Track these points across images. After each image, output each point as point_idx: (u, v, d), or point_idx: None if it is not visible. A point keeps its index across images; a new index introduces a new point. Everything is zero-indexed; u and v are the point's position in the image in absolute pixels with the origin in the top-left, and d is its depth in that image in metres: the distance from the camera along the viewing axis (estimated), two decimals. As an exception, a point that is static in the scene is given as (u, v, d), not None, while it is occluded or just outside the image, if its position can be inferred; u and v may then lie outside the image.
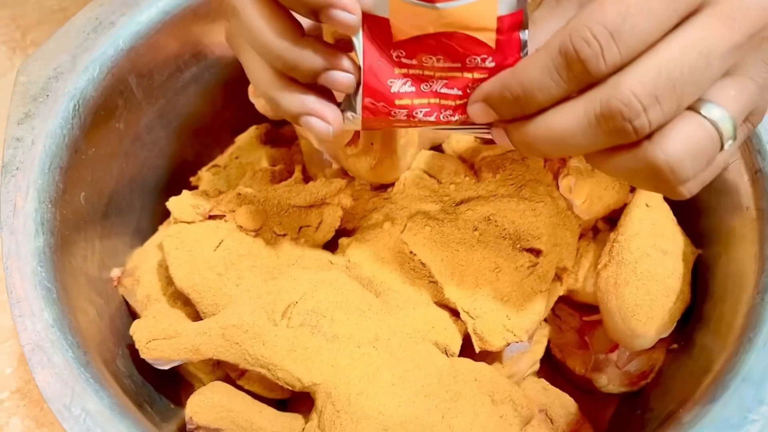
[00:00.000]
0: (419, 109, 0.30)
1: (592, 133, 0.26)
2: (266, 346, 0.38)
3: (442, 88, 0.30)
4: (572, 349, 0.46)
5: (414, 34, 0.28)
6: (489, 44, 0.28)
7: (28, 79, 0.41)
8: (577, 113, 0.26)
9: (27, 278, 0.35)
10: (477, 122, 0.30)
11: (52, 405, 0.32)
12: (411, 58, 0.29)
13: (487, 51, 0.28)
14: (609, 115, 0.25)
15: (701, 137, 0.26)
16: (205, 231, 0.43)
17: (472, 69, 0.29)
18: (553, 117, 0.27)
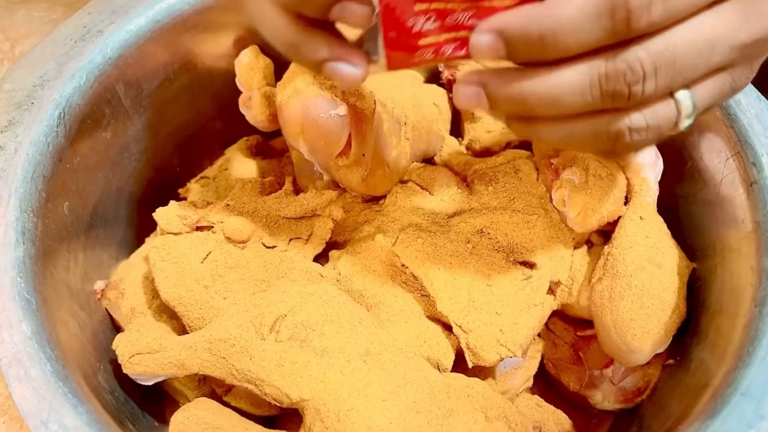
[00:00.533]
0: (447, 45, 0.28)
1: (590, 92, 0.25)
2: (254, 360, 0.37)
3: (469, 20, 0.27)
4: (566, 364, 0.45)
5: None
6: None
7: (13, 86, 0.40)
8: (583, 70, 0.25)
9: (5, 289, 0.34)
10: (474, 57, 0.28)
11: (28, 420, 0.31)
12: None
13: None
14: (613, 77, 0.25)
15: (664, 115, 0.26)
16: (193, 242, 0.42)
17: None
18: (561, 70, 0.26)
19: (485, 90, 0.28)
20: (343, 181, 0.45)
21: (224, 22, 0.47)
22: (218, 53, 0.49)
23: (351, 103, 0.43)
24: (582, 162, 0.43)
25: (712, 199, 0.42)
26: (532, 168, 0.45)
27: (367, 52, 0.29)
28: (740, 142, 0.40)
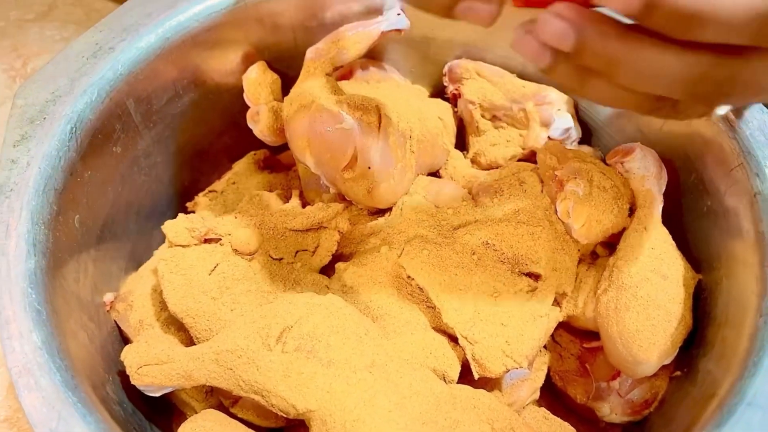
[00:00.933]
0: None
1: (691, 85, 0.25)
2: (260, 371, 0.37)
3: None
4: (573, 376, 0.45)
5: None
6: None
7: (26, 101, 0.41)
8: (701, 61, 0.24)
9: (16, 300, 0.35)
10: (600, 1, 0.25)
11: (38, 430, 0.31)
12: None
13: None
14: (727, 83, 0.24)
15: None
16: (200, 255, 0.42)
17: None
18: (676, 53, 0.25)
19: (577, 32, 0.25)
20: (349, 194, 0.45)
21: (232, 38, 0.48)
22: (226, 69, 0.49)
23: (357, 117, 0.43)
24: (586, 174, 0.43)
25: (716, 210, 0.42)
26: (537, 180, 0.46)
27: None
28: (743, 153, 0.40)
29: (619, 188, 0.44)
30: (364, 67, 0.51)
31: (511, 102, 0.50)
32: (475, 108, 0.52)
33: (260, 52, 0.50)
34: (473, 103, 0.52)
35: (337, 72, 0.49)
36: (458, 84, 0.52)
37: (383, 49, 0.53)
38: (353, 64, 0.50)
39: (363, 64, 0.51)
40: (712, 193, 0.42)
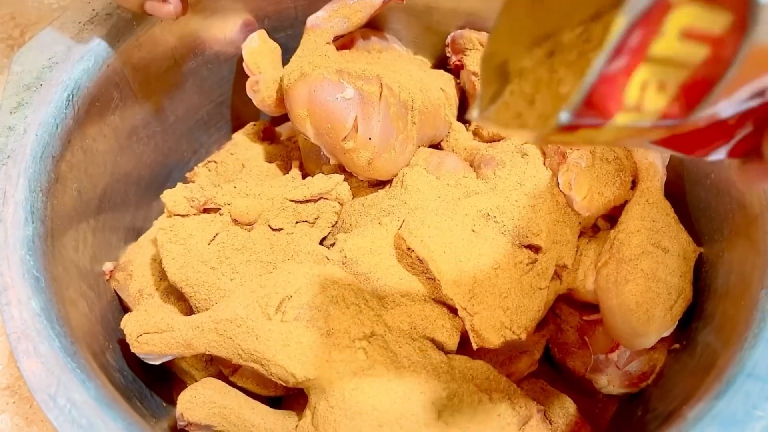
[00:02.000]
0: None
1: None
2: (260, 340, 0.38)
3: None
4: (572, 349, 0.45)
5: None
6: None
7: (22, 68, 0.40)
8: None
9: (15, 266, 0.35)
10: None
11: (36, 395, 0.31)
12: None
13: None
14: None
15: None
16: (200, 224, 0.42)
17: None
18: None
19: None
20: (349, 165, 0.45)
21: (232, 6, 0.48)
22: (226, 38, 0.49)
23: (357, 86, 0.43)
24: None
25: (719, 183, 0.42)
26: (539, 152, 0.45)
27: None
28: (748, 125, 0.39)
29: (622, 161, 0.43)
30: (365, 36, 0.50)
31: (514, 73, 0.50)
32: (478, 79, 0.51)
33: (260, 21, 0.49)
34: (476, 74, 0.51)
35: (338, 41, 0.48)
36: (461, 55, 0.52)
37: (385, 18, 0.52)
38: (354, 33, 0.50)
39: (364, 34, 0.50)
40: (715, 167, 0.42)
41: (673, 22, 0.20)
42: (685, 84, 0.21)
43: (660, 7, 0.20)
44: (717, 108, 0.22)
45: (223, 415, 0.39)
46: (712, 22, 0.20)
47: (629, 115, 0.21)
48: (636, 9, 0.19)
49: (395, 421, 0.36)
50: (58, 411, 0.31)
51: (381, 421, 0.36)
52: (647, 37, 0.20)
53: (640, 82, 0.21)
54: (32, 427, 0.47)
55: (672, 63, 0.21)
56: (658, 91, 0.21)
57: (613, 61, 0.20)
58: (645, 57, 0.20)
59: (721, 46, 0.21)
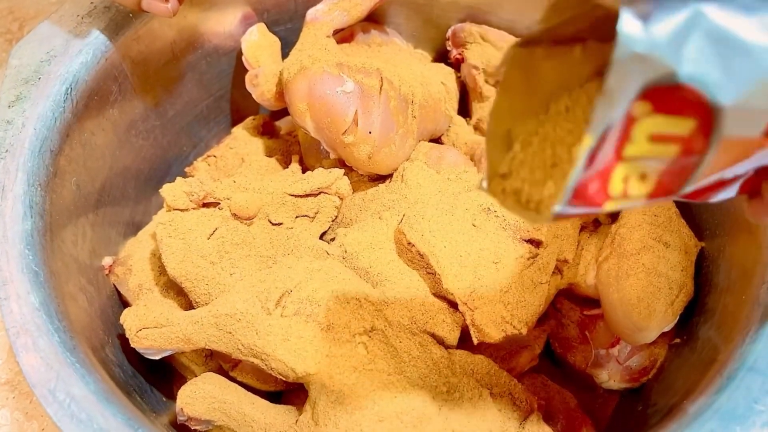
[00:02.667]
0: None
1: None
2: (260, 335, 0.37)
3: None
4: (573, 343, 0.45)
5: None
6: None
7: (20, 62, 0.40)
8: None
9: (14, 261, 0.34)
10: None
11: (36, 390, 0.31)
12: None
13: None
14: None
15: None
16: (199, 219, 0.42)
17: None
18: None
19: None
20: (349, 159, 0.45)
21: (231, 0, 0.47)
22: (225, 31, 0.48)
23: (357, 80, 0.42)
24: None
25: (721, 177, 0.41)
26: (540, 146, 0.45)
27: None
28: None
29: (623, 155, 0.43)
30: (365, 30, 0.50)
31: (515, 67, 0.49)
32: (479, 73, 0.51)
33: (260, 14, 0.49)
34: (477, 68, 0.51)
35: (338, 35, 0.48)
36: (462, 48, 0.51)
37: (385, 11, 0.52)
38: (354, 27, 0.49)
39: (364, 27, 0.50)
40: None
41: (641, 130, 0.21)
42: (665, 172, 0.23)
43: (624, 122, 0.21)
44: (703, 183, 0.24)
45: (223, 410, 0.39)
46: (677, 127, 0.22)
47: (617, 201, 0.23)
48: (601, 127, 0.21)
49: (395, 416, 0.35)
50: (57, 406, 0.31)
51: (381, 416, 0.36)
52: (619, 144, 0.22)
53: (620, 177, 0.22)
54: (32, 422, 0.47)
55: (647, 160, 0.22)
56: (640, 181, 0.23)
57: (589, 169, 0.22)
58: (620, 158, 0.22)
59: (691, 143, 0.22)
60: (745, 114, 0.21)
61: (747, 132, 0.22)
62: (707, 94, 0.21)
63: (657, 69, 0.20)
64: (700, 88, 0.21)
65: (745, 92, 0.21)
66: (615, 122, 0.21)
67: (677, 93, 0.21)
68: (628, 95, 0.21)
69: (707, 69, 0.20)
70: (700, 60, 0.20)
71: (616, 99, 0.21)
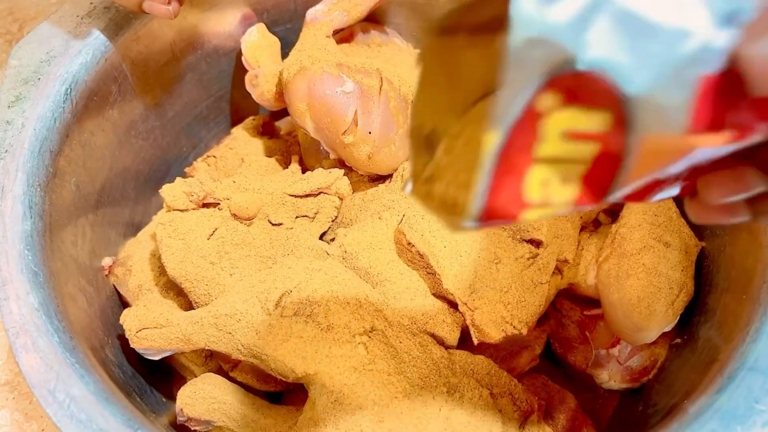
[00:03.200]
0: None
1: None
2: (259, 335, 0.37)
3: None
4: (573, 344, 0.45)
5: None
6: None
7: (20, 62, 0.40)
8: None
9: (13, 261, 0.34)
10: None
11: (35, 390, 0.31)
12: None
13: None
14: None
15: None
16: (199, 219, 0.42)
17: None
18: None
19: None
20: (349, 160, 0.45)
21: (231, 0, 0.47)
22: (225, 31, 0.48)
23: (357, 80, 0.42)
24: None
25: (721, 177, 0.41)
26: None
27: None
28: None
29: (623, 154, 0.43)
30: (365, 30, 0.50)
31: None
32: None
33: (259, 14, 0.49)
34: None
35: (338, 35, 0.48)
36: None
37: (385, 11, 0.52)
38: (354, 27, 0.49)
39: (364, 28, 0.50)
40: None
41: (552, 127, 0.20)
42: (587, 175, 0.21)
43: (529, 117, 0.19)
44: (635, 186, 0.21)
45: (222, 410, 0.39)
46: (591, 122, 0.20)
47: (538, 210, 0.21)
48: (504, 124, 0.19)
49: (396, 417, 0.35)
50: (57, 406, 0.31)
51: (381, 417, 0.35)
52: (527, 144, 0.20)
53: (538, 181, 0.20)
54: (32, 423, 0.47)
55: (564, 160, 0.20)
56: (562, 185, 0.21)
57: (496, 174, 0.20)
58: (533, 160, 0.20)
59: (609, 140, 0.20)
60: (659, 107, 0.19)
61: (666, 128, 0.19)
62: (615, 82, 0.19)
63: (558, 55, 0.18)
64: (607, 75, 0.19)
65: (656, 79, 0.19)
66: (517, 116, 0.19)
67: (584, 81, 0.19)
68: (529, 85, 0.19)
69: (613, 54, 0.18)
70: (605, 44, 0.18)
71: (515, 90, 0.18)
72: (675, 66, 0.19)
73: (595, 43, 0.18)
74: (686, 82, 0.19)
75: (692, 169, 0.22)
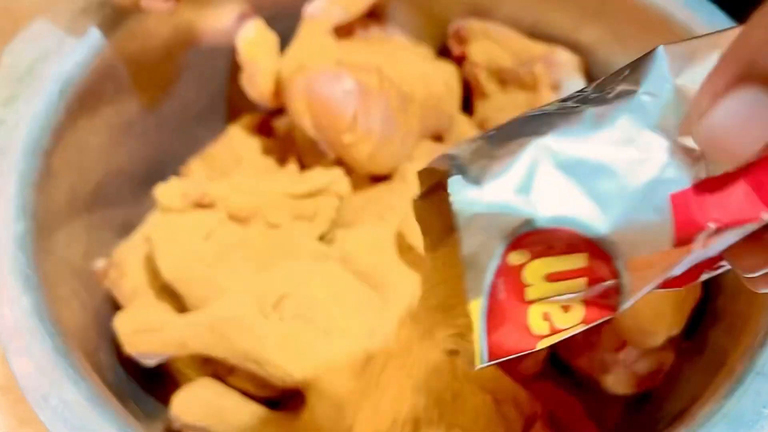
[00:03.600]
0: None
1: None
2: (257, 339, 0.37)
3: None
4: (578, 348, 0.44)
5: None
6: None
7: (13, 60, 0.39)
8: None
9: (5, 264, 0.34)
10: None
11: (28, 395, 0.30)
12: None
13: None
14: None
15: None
16: (194, 220, 0.41)
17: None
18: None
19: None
20: (348, 159, 0.44)
21: (228, -4, 0.47)
22: (221, 28, 0.48)
23: (357, 78, 0.42)
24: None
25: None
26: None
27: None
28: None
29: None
30: (365, 26, 0.49)
31: (519, 64, 0.48)
32: (482, 71, 0.50)
33: (257, 10, 0.48)
34: (479, 65, 0.50)
35: (337, 32, 0.47)
36: (464, 45, 0.51)
37: (385, 7, 0.51)
38: (354, 23, 0.48)
39: (364, 24, 0.49)
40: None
41: (533, 274, 0.19)
42: (587, 300, 0.20)
43: (506, 273, 0.19)
44: (646, 290, 0.20)
45: (219, 416, 0.38)
46: (570, 263, 0.19)
47: (552, 337, 0.20)
48: (481, 291, 0.19)
49: (397, 423, 0.35)
50: (50, 411, 0.30)
51: (382, 423, 0.35)
52: (516, 294, 0.19)
53: (539, 317, 0.20)
54: (25, 428, 0.46)
55: (559, 296, 0.20)
56: (564, 313, 0.20)
57: (491, 329, 0.19)
58: (527, 303, 0.19)
59: (595, 272, 0.19)
60: (636, 235, 0.19)
61: (652, 249, 0.19)
62: (580, 231, 0.18)
63: (511, 221, 0.18)
64: (568, 227, 0.18)
65: (623, 215, 0.18)
66: (491, 281, 0.19)
67: (550, 235, 0.18)
68: (494, 253, 0.18)
69: (569, 207, 0.18)
70: (557, 200, 0.18)
71: (480, 261, 0.18)
72: (640, 195, 0.18)
73: (547, 202, 0.18)
74: (658, 206, 0.18)
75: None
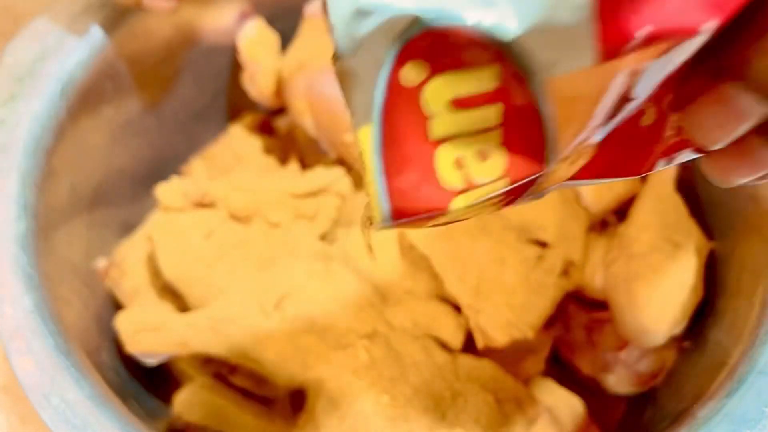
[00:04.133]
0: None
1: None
2: (257, 339, 0.37)
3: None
4: (579, 347, 0.44)
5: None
6: None
7: (14, 59, 0.39)
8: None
9: (7, 263, 0.34)
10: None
11: (30, 394, 0.30)
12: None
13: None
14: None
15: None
16: (195, 219, 0.41)
17: None
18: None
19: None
20: (350, 158, 0.44)
21: (229, -4, 0.47)
22: (222, 27, 0.48)
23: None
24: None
25: (731, 176, 0.41)
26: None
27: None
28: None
29: (631, 153, 0.42)
30: (366, 26, 0.49)
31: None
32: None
33: (258, 9, 0.48)
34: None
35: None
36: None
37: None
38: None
39: (365, 24, 0.49)
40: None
41: (432, 100, 0.16)
42: (506, 141, 0.17)
43: (399, 96, 0.16)
44: (576, 141, 0.17)
45: (220, 415, 0.38)
46: (476, 83, 0.16)
47: (469, 195, 0.17)
48: (370, 114, 0.16)
49: (398, 423, 0.35)
50: (52, 411, 0.30)
51: (383, 423, 0.35)
52: (415, 127, 0.16)
53: (449, 164, 0.17)
54: (27, 427, 0.46)
55: (469, 133, 0.16)
56: (482, 161, 0.17)
57: (389, 171, 0.16)
58: (432, 143, 0.16)
59: (509, 95, 0.16)
60: (551, 38, 0.14)
61: (572, 64, 0.15)
62: (483, 31, 0.14)
63: (398, 21, 0.15)
64: (469, 25, 0.14)
65: (534, 9, 0.14)
66: (383, 99, 0.16)
67: (445, 39, 0.15)
68: (383, 60, 0.15)
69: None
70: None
71: (369, 71, 0.15)
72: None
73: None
74: (578, 2, 0.14)
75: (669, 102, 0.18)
